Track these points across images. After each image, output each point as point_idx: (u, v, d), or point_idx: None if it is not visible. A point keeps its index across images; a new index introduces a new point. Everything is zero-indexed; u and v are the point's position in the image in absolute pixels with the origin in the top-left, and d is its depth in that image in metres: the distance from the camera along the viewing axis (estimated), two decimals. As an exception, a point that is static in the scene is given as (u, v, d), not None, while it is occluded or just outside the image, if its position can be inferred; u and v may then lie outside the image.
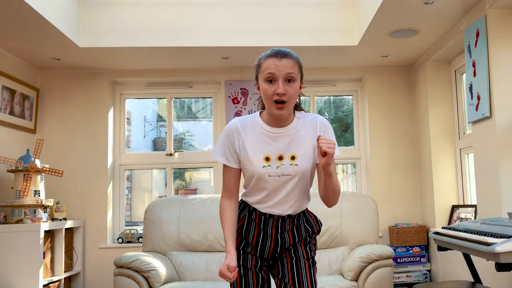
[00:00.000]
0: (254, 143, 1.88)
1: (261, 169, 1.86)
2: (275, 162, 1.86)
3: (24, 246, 3.58)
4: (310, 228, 1.98)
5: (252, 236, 1.93)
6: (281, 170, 1.86)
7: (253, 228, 1.93)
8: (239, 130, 1.90)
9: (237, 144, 1.90)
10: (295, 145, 1.88)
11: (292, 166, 1.86)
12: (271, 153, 1.87)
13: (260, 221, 1.91)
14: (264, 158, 1.86)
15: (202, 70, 4.66)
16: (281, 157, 1.87)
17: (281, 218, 1.90)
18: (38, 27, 3.49)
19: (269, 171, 1.86)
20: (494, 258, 2.13)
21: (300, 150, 1.88)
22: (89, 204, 4.47)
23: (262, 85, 1.84)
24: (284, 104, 1.80)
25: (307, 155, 1.88)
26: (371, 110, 4.66)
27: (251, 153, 1.87)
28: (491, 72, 3.10)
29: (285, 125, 1.89)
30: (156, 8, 3.98)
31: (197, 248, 3.67)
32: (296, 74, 1.82)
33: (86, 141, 4.53)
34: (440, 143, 4.23)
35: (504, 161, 3.05)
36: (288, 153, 1.87)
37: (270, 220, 1.90)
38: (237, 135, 1.90)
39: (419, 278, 4.24)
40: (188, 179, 9.37)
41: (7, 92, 3.99)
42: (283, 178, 1.86)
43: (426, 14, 3.42)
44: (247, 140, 1.89)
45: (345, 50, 4.16)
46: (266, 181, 1.87)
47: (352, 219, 3.70)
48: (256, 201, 1.91)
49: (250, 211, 1.94)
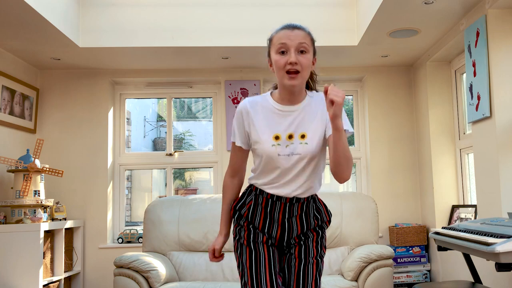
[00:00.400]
0: (263, 122, 1.85)
1: (270, 148, 1.81)
2: (284, 141, 1.82)
3: (24, 246, 3.58)
4: (320, 215, 1.92)
5: (259, 221, 1.87)
6: (290, 149, 1.81)
7: (260, 213, 1.87)
8: (248, 110, 1.87)
9: (246, 124, 1.87)
10: (305, 123, 1.83)
11: (302, 145, 1.81)
12: (280, 131, 1.83)
13: (267, 205, 1.85)
14: (274, 137, 1.82)
15: (202, 70, 4.66)
16: (291, 135, 1.82)
17: (288, 201, 1.84)
18: (38, 27, 3.49)
19: (278, 150, 1.81)
20: (494, 258, 2.13)
21: (311, 129, 1.83)
22: (89, 204, 4.47)
23: (274, 57, 1.80)
24: (296, 74, 1.76)
25: (318, 133, 1.83)
26: (371, 110, 4.66)
27: (260, 131, 1.83)
28: (491, 72, 3.10)
29: (296, 102, 1.85)
30: (156, 8, 3.98)
31: (197, 248, 3.67)
32: (308, 45, 1.79)
33: (86, 141, 4.53)
34: (440, 143, 4.23)
35: (504, 161, 3.05)
36: (298, 131, 1.82)
37: (277, 203, 1.84)
38: (246, 115, 1.87)
39: (419, 278, 4.24)
40: (188, 179, 9.37)
41: (7, 92, 3.99)
42: (292, 157, 1.81)
43: (426, 14, 3.42)
44: (256, 119, 1.85)
45: (345, 50, 4.16)
46: (275, 161, 1.82)
47: (352, 219, 3.70)
48: (264, 183, 1.86)
49: (257, 195, 1.88)
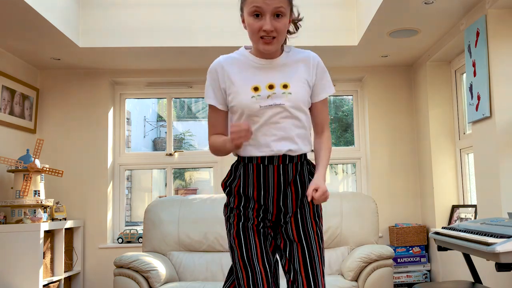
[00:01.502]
0: (240, 75, 1.72)
1: (249, 100, 1.68)
2: (265, 91, 1.69)
3: (24, 246, 3.58)
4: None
5: (252, 191, 1.72)
6: (272, 99, 1.69)
7: (252, 183, 1.72)
8: (222, 65, 1.75)
9: (221, 81, 1.74)
10: (286, 74, 1.73)
11: (285, 95, 1.69)
12: (259, 82, 1.70)
13: (259, 172, 1.70)
14: (253, 88, 1.70)
15: (202, 70, 4.66)
16: (271, 86, 1.70)
17: (281, 162, 1.70)
18: (38, 27, 3.49)
19: (259, 101, 1.68)
20: (494, 258, 2.13)
21: (293, 79, 1.72)
22: (89, 204, 4.47)
23: (248, 19, 1.68)
24: (272, 39, 1.66)
25: (301, 84, 1.73)
26: (371, 110, 4.66)
27: (238, 84, 1.71)
28: (491, 72, 3.10)
29: (274, 57, 1.75)
30: (156, 8, 3.98)
31: (197, 248, 3.67)
32: (285, 8, 1.66)
33: (86, 141, 4.53)
34: (440, 143, 4.23)
35: (504, 161, 3.05)
36: (279, 81, 1.71)
37: (270, 168, 1.70)
38: (221, 70, 1.74)
39: (419, 278, 4.24)
40: (188, 179, 9.37)
41: (7, 92, 3.99)
42: (275, 109, 1.69)
43: (426, 14, 3.42)
44: (232, 72, 1.73)
45: (345, 50, 4.16)
46: (256, 114, 1.69)
47: (352, 219, 3.70)
48: (251, 147, 1.71)
49: (246, 165, 1.73)
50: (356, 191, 4.80)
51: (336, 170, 7.14)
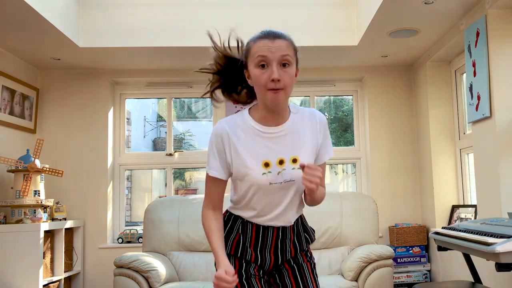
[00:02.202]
0: (248, 147, 1.63)
1: (260, 177, 1.61)
2: (275, 167, 1.62)
3: (24, 246, 3.58)
4: (308, 236, 1.80)
5: (250, 242, 1.70)
6: (282, 176, 1.63)
7: (250, 237, 1.69)
8: (228, 134, 1.65)
9: (228, 152, 1.65)
10: (295, 145, 1.66)
11: (295, 170, 1.64)
12: (270, 158, 1.63)
13: (258, 231, 1.69)
14: (263, 164, 1.62)
15: (202, 70, 4.65)
16: (281, 161, 1.63)
17: (281, 227, 1.70)
18: (38, 27, 3.49)
19: (270, 179, 1.62)
20: (494, 258, 2.13)
21: (302, 151, 1.66)
22: (89, 204, 4.47)
23: (254, 71, 1.60)
24: (280, 91, 1.57)
25: (309, 155, 1.68)
26: (371, 110, 4.66)
27: (247, 160, 1.62)
28: (491, 72, 3.10)
29: (281, 122, 1.66)
30: (156, 8, 3.98)
31: (197, 248, 3.67)
32: (291, 57, 1.59)
33: (86, 141, 4.53)
34: (440, 143, 4.23)
35: (504, 161, 3.05)
36: (289, 156, 1.64)
37: (270, 229, 1.69)
38: (227, 141, 1.65)
39: (419, 278, 4.24)
40: (188, 179, 9.37)
41: (7, 92, 3.99)
42: (285, 185, 1.64)
43: (426, 14, 3.42)
44: (239, 144, 1.64)
45: (345, 50, 4.16)
46: (266, 190, 1.63)
47: (352, 219, 3.70)
48: (253, 216, 1.69)
49: (245, 223, 1.70)
50: (356, 191, 4.80)
51: (336, 170, 7.14)
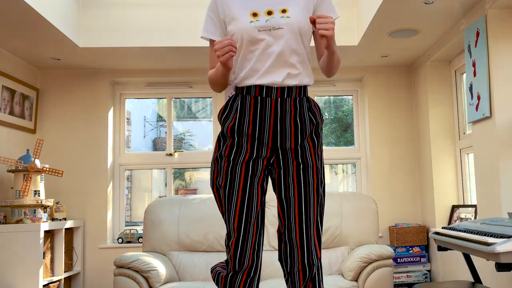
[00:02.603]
0: (239, 2, 1.73)
1: (248, 24, 1.68)
2: (263, 16, 1.69)
3: (24, 246, 3.58)
4: (314, 118, 1.74)
5: (248, 121, 1.67)
6: (271, 23, 1.68)
7: (248, 112, 1.68)
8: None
9: (221, 11, 1.76)
10: (285, 0, 1.72)
11: (283, 19, 1.69)
12: (258, 8, 1.71)
13: (256, 104, 1.67)
14: (251, 13, 1.70)
15: (202, 70, 4.66)
16: (270, 12, 1.70)
17: (279, 95, 1.67)
18: (38, 27, 3.49)
19: (258, 25, 1.68)
20: (494, 258, 2.13)
21: (292, 5, 1.71)
22: (89, 204, 4.47)
23: None
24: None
25: (300, 8, 1.72)
26: (371, 110, 4.66)
27: (236, 11, 1.72)
28: (491, 72, 3.10)
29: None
30: (156, 8, 3.98)
31: (197, 248, 3.67)
32: None
33: (86, 141, 4.53)
34: (440, 143, 4.23)
35: (504, 161, 3.05)
36: (277, 6, 1.71)
37: (268, 100, 1.67)
38: (220, 2, 1.77)
39: (419, 278, 4.24)
40: (188, 179, 9.37)
41: (7, 92, 3.99)
42: (274, 32, 1.68)
43: (426, 14, 3.42)
44: (231, 2, 1.75)
45: (345, 50, 4.16)
46: (256, 37, 1.68)
47: (352, 219, 3.70)
48: (248, 73, 1.70)
49: (243, 96, 1.70)
50: (356, 191, 4.80)
51: (336, 170, 7.15)
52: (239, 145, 1.67)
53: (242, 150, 1.67)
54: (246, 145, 1.67)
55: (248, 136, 1.67)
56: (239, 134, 1.68)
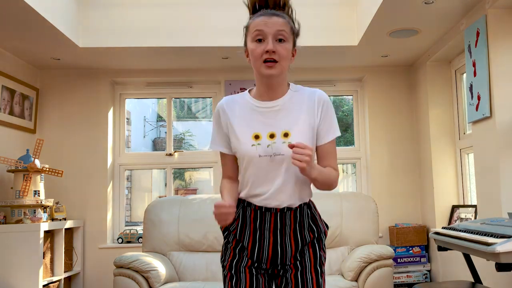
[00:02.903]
0: (241, 121, 1.71)
1: (249, 148, 1.66)
2: (265, 140, 1.66)
3: (24, 246, 3.58)
4: (315, 226, 1.74)
5: (248, 239, 1.70)
6: (272, 149, 1.65)
7: (248, 227, 1.70)
8: (224, 109, 1.74)
9: (224, 125, 1.74)
10: (288, 121, 1.68)
11: (285, 144, 1.65)
12: (260, 130, 1.68)
13: (256, 217, 1.68)
14: (253, 136, 1.67)
15: (202, 70, 4.66)
16: (272, 135, 1.67)
17: (279, 211, 1.67)
18: (38, 27, 3.49)
19: (259, 151, 1.65)
20: (494, 258, 2.13)
21: (295, 127, 1.67)
22: (89, 204, 4.46)
23: (250, 45, 1.67)
24: (274, 63, 1.63)
25: (303, 133, 1.68)
26: (371, 110, 4.66)
27: (238, 131, 1.69)
28: (491, 72, 3.10)
29: (276, 97, 1.71)
30: (156, 8, 3.98)
31: (197, 248, 3.67)
32: (287, 33, 1.65)
33: (86, 141, 4.53)
34: (440, 143, 4.23)
35: (504, 161, 3.05)
36: (280, 130, 1.67)
37: (267, 214, 1.67)
38: (224, 115, 1.74)
39: (419, 278, 4.24)
40: (188, 179, 9.37)
41: (7, 92, 3.99)
42: (275, 158, 1.65)
43: (426, 14, 3.42)
44: (233, 118, 1.72)
45: (345, 50, 4.16)
46: (256, 163, 1.66)
47: (352, 219, 3.70)
48: (249, 193, 1.70)
49: (244, 207, 1.71)
50: (356, 191, 4.79)
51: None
52: (240, 252, 1.71)
53: (243, 260, 1.71)
54: (247, 257, 1.71)
55: (247, 250, 1.70)
56: (241, 249, 1.72)
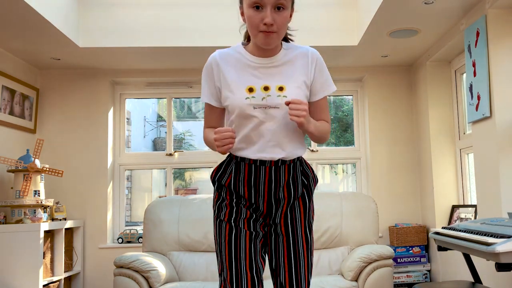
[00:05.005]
0: (235, 74, 1.69)
1: (243, 101, 1.64)
2: (260, 92, 1.65)
3: (24, 246, 3.58)
4: (307, 181, 1.75)
5: (243, 189, 1.68)
6: (267, 101, 1.65)
7: (243, 181, 1.68)
8: (218, 62, 1.72)
9: (216, 78, 1.72)
10: (283, 76, 1.68)
11: (280, 98, 1.64)
12: (255, 83, 1.66)
13: (250, 171, 1.67)
14: (247, 89, 1.66)
15: (202, 70, 4.65)
16: (266, 87, 1.66)
17: (274, 165, 1.67)
18: (38, 27, 3.49)
19: (253, 102, 1.64)
20: (494, 258, 2.13)
21: (290, 82, 1.67)
22: (89, 204, 4.47)
23: (247, 11, 1.62)
24: (272, 34, 1.60)
25: (297, 87, 1.68)
26: (371, 110, 4.66)
27: (232, 84, 1.67)
28: (491, 72, 3.10)
29: (271, 54, 1.70)
30: (156, 8, 3.98)
31: (197, 248, 3.67)
32: (287, 1, 1.61)
33: (86, 141, 4.53)
34: (440, 143, 4.23)
35: (504, 161, 3.05)
36: (274, 83, 1.66)
37: (262, 169, 1.66)
38: (216, 67, 1.72)
39: (419, 278, 4.24)
40: (188, 179, 9.37)
41: (7, 92, 3.99)
42: (270, 111, 1.64)
43: (426, 14, 3.42)
44: (227, 71, 1.70)
45: (345, 50, 4.16)
46: (250, 115, 1.65)
47: (352, 219, 3.70)
48: (242, 146, 1.68)
49: (238, 162, 1.69)
50: (356, 191, 4.80)
51: (336, 170, 7.15)
52: (238, 205, 1.70)
53: (242, 212, 1.69)
54: (244, 208, 1.70)
55: (245, 199, 1.70)
56: (237, 193, 1.70)
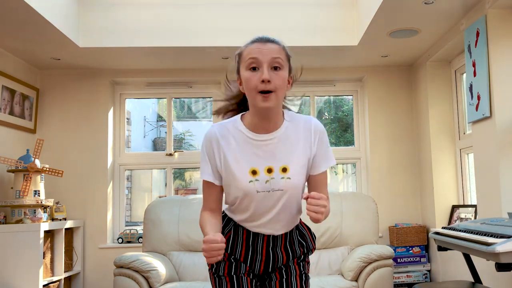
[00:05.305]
0: (237, 155, 1.60)
1: (247, 184, 1.58)
2: (263, 175, 1.59)
3: (24, 246, 3.58)
4: (305, 242, 1.74)
5: (240, 252, 1.67)
6: (270, 185, 1.59)
7: (241, 244, 1.67)
8: (218, 140, 1.62)
9: (217, 158, 1.62)
10: (286, 154, 1.61)
11: (284, 180, 1.59)
12: (258, 165, 1.59)
13: (248, 237, 1.66)
14: (250, 171, 1.59)
15: (202, 70, 4.66)
16: (270, 169, 1.59)
17: (271, 235, 1.67)
18: (38, 27, 3.49)
19: (257, 187, 1.58)
20: (494, 258, 2.13)
21: (293, 161, 1.61)
22: (89, 204, 4.46)
23: (245, 74, 1.56)
24: (270, 94, 1.52)
25: (301, 166, 1.62)
26: (371, 110, 4.66)
27: (235, 166, 1.59)
28: (491, 72, 3.10)
29: (272, 129, 1.61)
30: (156, 8, 3.98)
31: (197, 248, 3.67)
32: (283, 61, 1.57)
33: (86, 141, 4.53)
34: (440, 143, 4.23)
35: (504, 161, 3.05)
36: (278, 164, 1.60)
37: (260, 236, 1.66)
38: (217, 147, 1.62)
39: (419, 278, 4.24)
40: (188, 179, 9.37)
41: (7, 92, 3.99)
42: (273, 193, 1.60)
43: (426, 14, 3.42)
44: (228, 151, 1.61)
45: (345, 50, 4.16)
46: (253, 198, 1.60)
47: (352, 219, 3.70)
48: (242, 220, 1.66)
49: (236, 226, 1.68)
50: (356, 191, 4.80)
51: (336, 170, 7.14)
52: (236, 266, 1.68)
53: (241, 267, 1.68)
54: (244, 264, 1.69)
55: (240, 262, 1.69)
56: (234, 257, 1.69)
